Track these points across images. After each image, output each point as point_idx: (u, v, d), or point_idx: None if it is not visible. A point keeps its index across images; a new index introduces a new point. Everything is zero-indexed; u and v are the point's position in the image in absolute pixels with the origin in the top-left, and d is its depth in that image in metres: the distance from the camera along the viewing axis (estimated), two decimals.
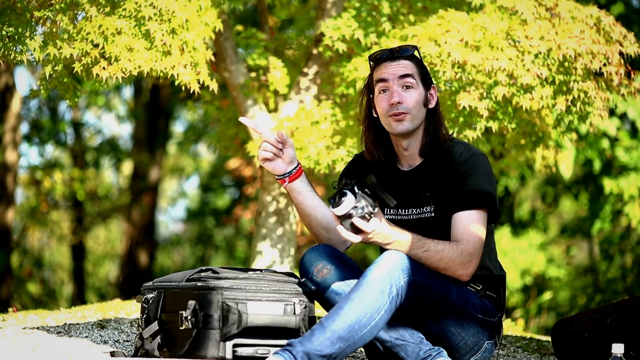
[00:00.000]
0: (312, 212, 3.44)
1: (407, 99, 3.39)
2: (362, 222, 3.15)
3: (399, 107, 3.38)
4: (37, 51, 4.30)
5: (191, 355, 3.26)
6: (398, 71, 3.40)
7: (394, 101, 3.38)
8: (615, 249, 10.37)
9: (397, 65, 3.41)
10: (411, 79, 3.39)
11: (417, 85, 3.40)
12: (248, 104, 5.41)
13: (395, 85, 3.39)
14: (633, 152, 8.97)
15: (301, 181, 3.43)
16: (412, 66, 3.41)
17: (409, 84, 3.39)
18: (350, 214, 3.15)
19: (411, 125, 3.39)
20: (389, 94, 3.39)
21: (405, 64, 3.41)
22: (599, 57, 4.56)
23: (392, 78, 3.40)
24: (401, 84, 3.39)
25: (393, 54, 3.42)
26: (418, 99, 3.40)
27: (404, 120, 3.39)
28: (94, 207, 15.74)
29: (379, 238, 3.20)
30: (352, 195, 3.14)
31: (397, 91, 3.38)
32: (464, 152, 3.38)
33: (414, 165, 3.46)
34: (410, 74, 3.39)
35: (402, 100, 3.38)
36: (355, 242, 3.20)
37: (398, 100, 3.37)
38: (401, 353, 3.28)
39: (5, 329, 4.08)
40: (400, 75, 3.39)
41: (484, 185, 3.34)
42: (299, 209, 3.46)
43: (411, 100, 3.39)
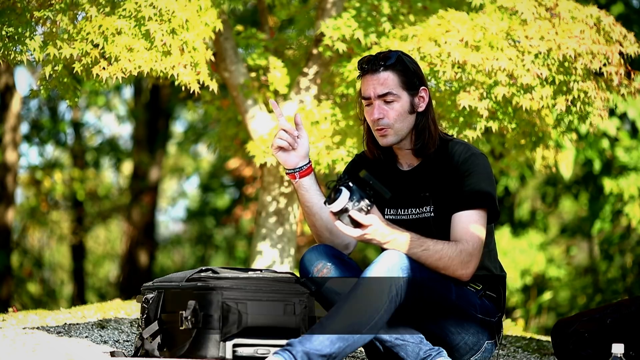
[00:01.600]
0: (317, 212, 3.43)
1: (389, 113, 3.38)
2: (360, 215, 3.16)
3: (380, 123, 3.38)
4: (37, 51, 4.30)
5: (191, 355, 3.27)
6: (377, 89, 3.38)
7: (374, 118, 3.38)
8: (615, 249, 10.37)
9: (376, 80, 3.37)
10: (390, 95, 3.38)
11: (399, 97, 3.38)
12: (248, 104, 5.41)
13: (376, 100, 3.39)
14: (633, 152, 8.97)
15: (310, 179, 3.43)
16: (392, 78, 3.38)
17: (389, 99, 3.39)
18: (346, 208, 3.16)
19: (395, 138, 3.40)
20: (371, 109, 3.40)
21: (384, 77, 3.37)
22: (599, 57, 4.56)
23: (373, 95, 3.39)
24: (381, 99, 3.39)
25: (373, 67, 3.40)
26: (400, 110, 3.38)
27: (388, 135, 3.40)
28: (94, 207, 15.74)
29: (378, 236, 3.20)
30: (347, 190, 3.15)
31: (378, 107, 3.38)
32: (464, 152, 3.38)
33: (413, 165, 3.46)
34: (388, 91, 3.37)
35: (383, 116, 3.38)
36: (355, 236, 3.20)
37: (378, 116, 3.38)
38: (401, 353, 3.28)
39: (5, 329, 4.08)
40: (379, 93, 3.38)
41: (483, 185, 3.33)
42: (304, 207, 3.46)
43: (392, 114, 3.38)
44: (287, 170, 3.43)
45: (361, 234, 3.19)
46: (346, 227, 3.18)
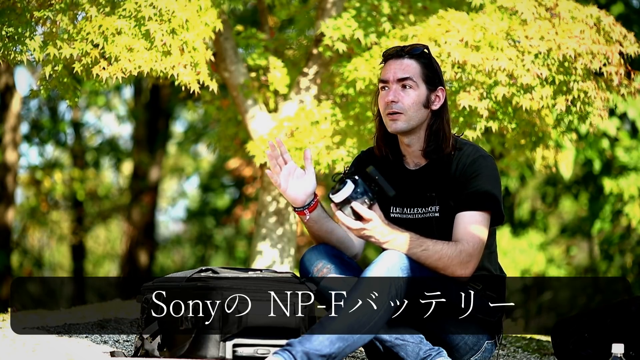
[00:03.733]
0: (326, 237, 3.43)
1: (404, 98, 3.38)
2: (362, 208, 3.16)
3: (393, 107, 3.37)
4: (37, 51, 4.30)
5: (191, 355, 3.27)
6: (397, 72, 3.39)
7: (388, 100, 3.38)
8: (615, 249, 10.37)
9: (399, 65, 3.40)
10: (410, 81, 3.38)
11: (417, 86, 3.39)
12: (248, 104, 5.41)
13: (394, 84, 3.39)
14: (633, 152, 8.97)
15: (318, 210, 3.41)
16: (414, 66, 3.40)
17: (408, 84, 3.39)
18: (349, 199, 3.16)
19: (405, 125, 3.38)
20: (386, 92, 3.40)
21: (407, 64, 3.40)
22: (599, 57, 4.56)
23: (392, 78, 3.39)
24: (400, 83, 3.39)
25: (399, 53, 3.42)
26: (416, 99, 3.38)
27: (398, 120, 3.38)
28: (94, 207, 15.74)
29: (377, 235, 3.20)
30: (352, 183, 3.16)
31: (394, 90, 3.38)
32: (472, 153, 3.37)
33: (420, 165, 3.45)
34: (408, 76, 3.38)
35: (398, 100, 3.37)
36: (354, 228, 3.19)
37: (392, 99, 3.37)
38: (401, 353, 3.28)
39: (5, 329, 4.08)
40: (399, 77, 3.38)
41: (489, 188, 3.33)
42: (315, 238, 3.45)
43: (408, 100, 3.38)
44: (297, 208, 3.41)
45: (361, 227, 3.19)
46: (346, 218, 3.19)
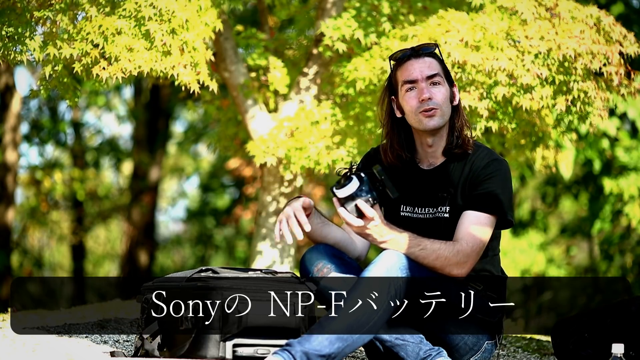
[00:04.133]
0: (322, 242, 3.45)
1: (436, 95, 3.39)
2: (366, 206, 3.16)
3: (430, 103, 3.37)
4: (37, 51, 4.30)
5: (191, 355, 3.27)
6: (425, 70, 3.40)
7: (425, 97, 3.37)
8: (615, 249, 10.37)
9: (422, 63, 3.40)
10: (438, 77, 3.40)
11: (443, 82, 3.41)
12: (248, 104, 5.41)
13: (423, 82, 3.39)
14: (633, 152, 8.97)
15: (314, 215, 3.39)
16: (436, 64, 3.42)
17: (436, 81, 3.40)
18: (353, 196, 3.16)
19: (441, 120, 3.39)
20: (418, 90, 3.39)
21: (430, 61, 3.41)
22: (599, 57, 4.56)
23: (420, 76, 3.39)
24: (429, 81, 3.40)
25: (417, 52, 3.42)
26: (446, 94, 3.40)
27: (435, 116, 3.38)
28: (94, 207, 15.74)
29: (376, 234, 3.20)
30: (358, 180, 3.16)
31: (426, 87, 3.39)
32: (486, 156, 3.38)
33: (434, 165, 3.45)
34: (436, 72, 3.40)
35: (432, 96, 3.38)
36: (356, 226, 3.19)
37: (429, 96, 3.37)
38: (401, 353, 3.28)
39: (5, 329, 4.08)
40: (427, 74, 3.39)
41: (498, 191, 3.33)
42: (310, 239, 3.47)
43: (440, 96, 3.39)
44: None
45: (363, 224, 3.19)
46: (349, 215, 3.18)
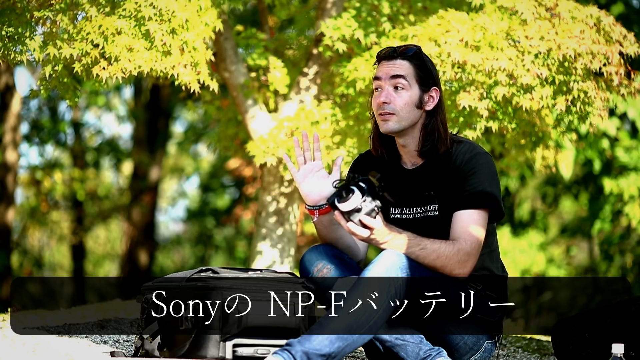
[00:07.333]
0: (334, 242, 3.44)
1: (396, 99, 3.38)
2: (369, 219, 3.16)
3: (385, 107, 3.38)
4: (37, 51, 4.30)
5: (191, 355, 3.27)
6: (390, 71, 3.39)
7: (380, 101, 3.38)
8: (615, 249, 10.37)
9: (391, 65, 3.40)
10: (403, 80, 3.38)
11: (409, 86, 3.38)
12: (248, 104, 5.41)
13: (387, 84, 3.39)
14: (633, 152, 8.97)
15: (330, 216, 3.40)
16: (407, 67, 3.39)
17: (400, 85, 3.38)
18: (358, 208, 3.16)
19: (397, 126, 3.38)
20: (379, 93, 3.40)
21: (400, 64, 3.39)
22: (599, 57, 4.56)
23: (385, 77, 3.40)
24: (392, 84, 3.39)
25: (392, 54, 3.42)
26: (408, 101, 3.38)
27: (389, 121, 3.38)
28: (94, 207, 15.74)
29: (377, 236, 3.21)
30: (359, 191, 3.16)
31: (387, 91, 3.38)
32: (468, 151, 3.37)
33: (417, 164, 3.45)
34: (402, 75, 3.38)
35: (389, 101, 3.37)
36: (363, 237, 3.20)
37: (384, 100, 3.38)
38: (401, 353, 3.28)
39: (5, 329, 4.08)
40: (391, 75, 3.39)
41: (485, 185, 3.33)
42: (322, 239, 3.46)
43: (399, 101, 3.38)
44: (307, 206, 3.42)
45: (368, 234, 3.20)
46: (358, 228, 3.19)
